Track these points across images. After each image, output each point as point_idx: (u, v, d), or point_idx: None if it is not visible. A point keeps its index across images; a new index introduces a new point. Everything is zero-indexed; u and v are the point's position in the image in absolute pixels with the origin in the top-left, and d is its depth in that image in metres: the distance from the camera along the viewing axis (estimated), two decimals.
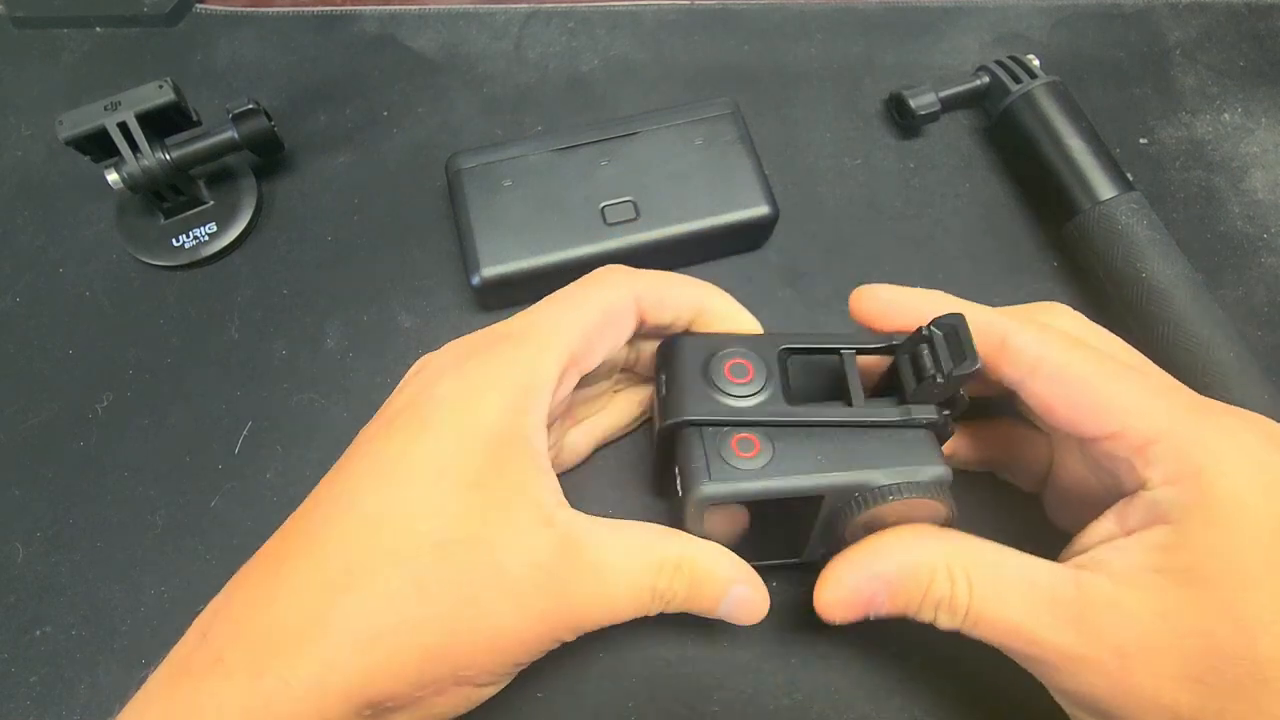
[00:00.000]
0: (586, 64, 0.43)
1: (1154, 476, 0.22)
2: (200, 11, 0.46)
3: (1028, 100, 0.38)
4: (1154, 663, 0.20)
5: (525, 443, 0.23)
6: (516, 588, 0.22)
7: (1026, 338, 0.24)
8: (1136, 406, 0.22)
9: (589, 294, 0.26)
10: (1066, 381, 0.23)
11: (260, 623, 0.21)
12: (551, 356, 0.24)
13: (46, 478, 0.33)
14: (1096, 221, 0.34)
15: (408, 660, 0.21)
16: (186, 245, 0.38)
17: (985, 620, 0.22)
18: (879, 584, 0.24)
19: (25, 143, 0.42)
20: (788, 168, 0.40)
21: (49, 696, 0.30)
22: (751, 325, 0.28)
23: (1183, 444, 0.22)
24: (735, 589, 0.25)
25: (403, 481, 0.22)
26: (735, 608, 0.25)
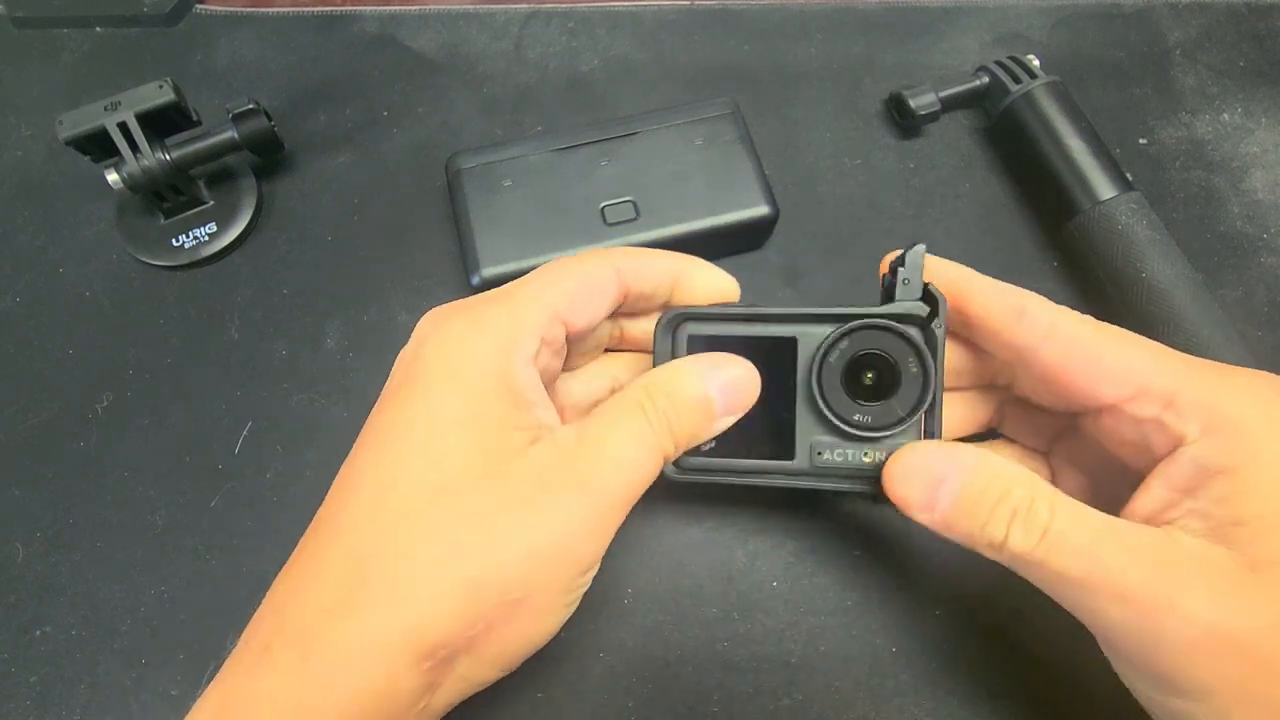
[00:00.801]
0: (586, 64, 0.43)
1: (1191, 429, 0.22)
2: (200, 11, 0.46)
3: (1028, 100, 0.38)
4: (1248, 614, 0.20)
5: (513, 379, 0.24)
6: (530, 499, 0.22)
7: (1042, 307, 0.24)
8: (1153, 366, 0.22)
9: (571, 264, 0.26)
10: (1081, 343, 0.23)
11: (298, 608, 0.22)
12: (534, 307, 0.25)
13: (46, 478, 0.33)
14: (1096, 221, 0.34)
15: (451, 597, 0.21)
16: (186, 245, 0.38)
17: (1066, 547, 0.21)
18: (955, 469, 0.23)
19: (25, 143, 0.42)
20: (788, 168, 0.40)
21: (49, 696, 0.30)
22: (729, 284, 0.28)
23: (1207, 396, 0.22)
24: (715, 380, 0.25)
25: (404, 442, 0.23)
26: (728, 398, 0.25)
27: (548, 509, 0.22)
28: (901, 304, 0.25)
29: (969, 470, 0.23)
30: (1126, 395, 0.23)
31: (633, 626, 0.30)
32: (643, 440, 0.23)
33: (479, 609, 0.21)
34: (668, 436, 0.24)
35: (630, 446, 0.23)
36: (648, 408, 0.24)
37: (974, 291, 0.26)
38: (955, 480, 0.23)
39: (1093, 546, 0.21)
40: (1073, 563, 0.21)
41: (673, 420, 0.24)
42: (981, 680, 0.29)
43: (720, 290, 0.28)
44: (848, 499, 0.32)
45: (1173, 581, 0.20)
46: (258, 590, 0.31)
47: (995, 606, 0.30)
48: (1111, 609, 0.21)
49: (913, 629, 0.30)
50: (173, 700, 0.29)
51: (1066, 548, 0.21)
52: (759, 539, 0.31)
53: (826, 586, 0.30)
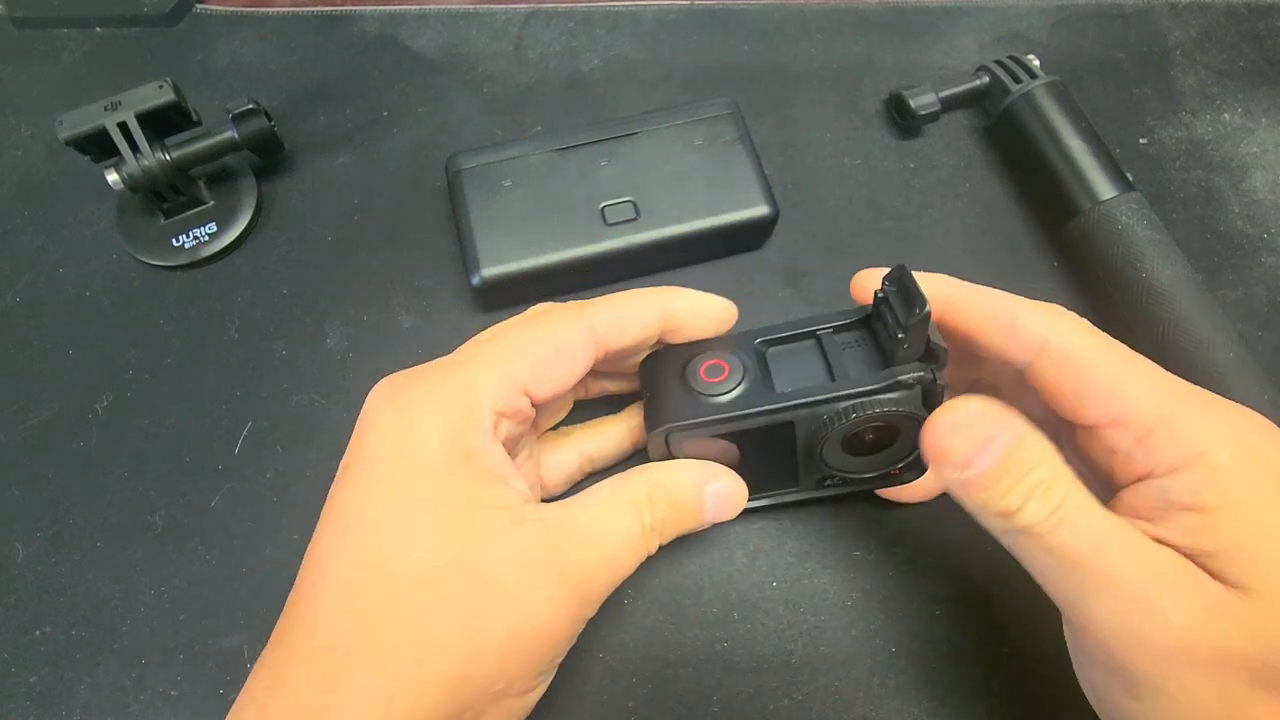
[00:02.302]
0: (586, 64, 0.43)
1: (1158, 466, 0.22)
2: (200, 11, 0.46)
3: (1028, 100, 0.38)
4: (1223, 632, 0.20)
5: (474, 458, 0.23)
6: (514, 589, 0.22)
7: (1035, 318, 0.24)
8: (1138, 395, 0.22)
9: (538, 326, 0.25)
10: (1072, 363, 0.23)
11: (280, 706, 0.21)
12: (493, 378, 0.24)
13: (46, 478, 0.33)
14: (1096, 221, 0.34)
15: (435, 694, 0.21)
16: (186, 245, 0.38)
17: (1072, 525, 0.21)
18: (1005, 433, 0.22)
19: (25, 143, 0.42)
20: (788, 168, 0.40)
21: (49, 696, 0.30)
22: (724, 308, 0.28)
23: (1181, 431, 0.21)
24: (709, 489, 0.25)
25: (373, 528, 0.22)
26: (717, 506, 0.26)
27: (532, 599, 0.22)
28: (903, 370, 0.24)
29: (1018, 437, 0.22)
30: (1107, 420, 0.23)
31: (633, 626, 0.30)
32: (636, 542, 0.24)
33: (462, 703, 0.21)
34: (656, 537, 0.24)
35: (624, 547, 0.23)
36: (644, 510, 0.24)
37: (963, 305, 0.25)
38: (1002, 443, 0.22)
39: (1098, 532, 0.21)
40: (1076, 542, 0.21)
41: (666, 522, 0.24)
42: (981, 680, 0.29)
43: (714, 319, 0.27)
44: (848, 501, 0.32)
45: (1164, 585, 0.20)
46: (258, 590, 0.31)
47: (995, 607, 0.30)
48: (1100, 599, 0.21)
49: (913, 629, 0.30)
50: (173, 700, 0.29)
51: (1073, 527, 0.21)
52: (759, 539, 0.31)
53: (826, 586, 0.30)
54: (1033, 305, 0.24)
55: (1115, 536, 0.21)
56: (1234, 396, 0.30)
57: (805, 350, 0.26)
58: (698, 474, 0.26)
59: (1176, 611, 0.20)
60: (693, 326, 0.27)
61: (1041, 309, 0.24)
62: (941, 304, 0.25)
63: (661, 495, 0.25)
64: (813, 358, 0.26)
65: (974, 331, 0.25)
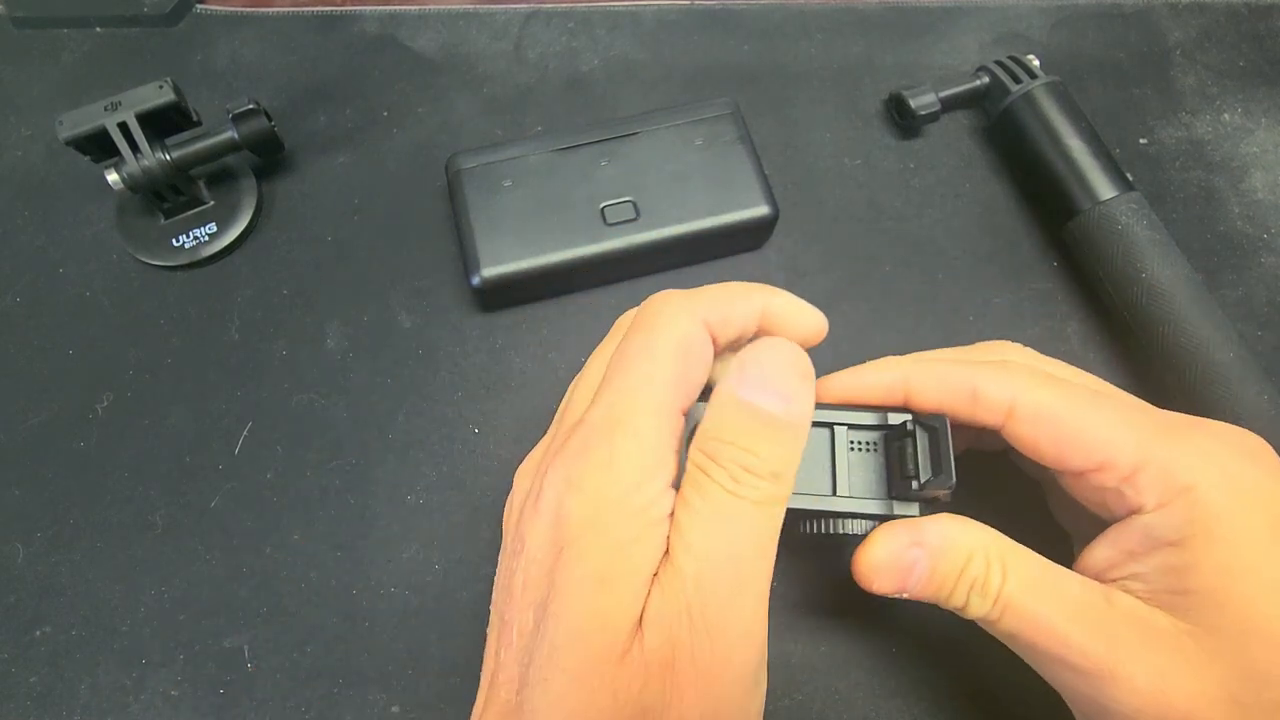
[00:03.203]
0: (586, 64, 0.43)
1: (1147, 502, 0.22)
2: (200, 11, 0.46)
3: (1028, 100, 0.38)
4: (1189, 685, 0.20)
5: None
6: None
7: (994, 384, 0.24)
8: (1117, 436, 0.22)
9: (659, 336, 0.23)
10: (1044, 420, 0.23)
11: None
12: (654, 439, 0.21)
13: (46, 478, 0.33)
14: (1096, 221, 0.34)
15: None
16: (186, 245, 0.38)
17: (1015, 611, 0.22)
18: (920, 553, 0.23)
19: (25, 143, 0.42)
20: (788, 168, 0.40)
21: (49, 696, 0.30)
22: (818, 318, 0.26)
23: (1167, 467, 0.22)
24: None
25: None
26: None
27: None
28: (902, 505, 0.24)
29: (935, 554, 0.23)
30: (1092, 467, 0.23)
31: None
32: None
33: None
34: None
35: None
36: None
37: (921, 387, 0.25)
38: (924, 564, 0.23)
39: (1044, 611, 0.22)
40: (1023, 627, 0.22)
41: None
42: (981, 680, 0.29)
43: (810, 326, 0.26)
44: None
45: (1115, 647, 0.21)
46: (258, 590, 0.31)
47: None
48: (1060, 672, 0.22)
49: (913, 629, 0.30)
50: (173, 700, 0.29)
51: (1016, 612, 0.22)
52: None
53: (826, 586, 0.30)
54: (989, 370, 0.24)
55: (1063, 612, 0.22)
56: (1234, 396, 0.31)
57: (815, 438, 0.25)
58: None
59: (1139, 677, 0.20)
60: (791, 329, 0.26)
61: (998, 372, 0.24)
62: (899, 391, 0.25)
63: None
64: (820, 450, 0.25)
65: (940, 407, 0.25)
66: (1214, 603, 0.21)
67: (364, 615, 0.31)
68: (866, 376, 0.26)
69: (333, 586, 0.31)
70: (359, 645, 0.30)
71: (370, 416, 0.34)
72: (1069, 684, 0.22)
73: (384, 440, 0.34)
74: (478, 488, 0.33)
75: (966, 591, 0.23)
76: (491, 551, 0.31)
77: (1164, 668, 0.20)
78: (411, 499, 0.33)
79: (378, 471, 0.33)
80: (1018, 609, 0.22)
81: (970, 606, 0.23)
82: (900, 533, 0.24)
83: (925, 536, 0.23)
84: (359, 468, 0.33)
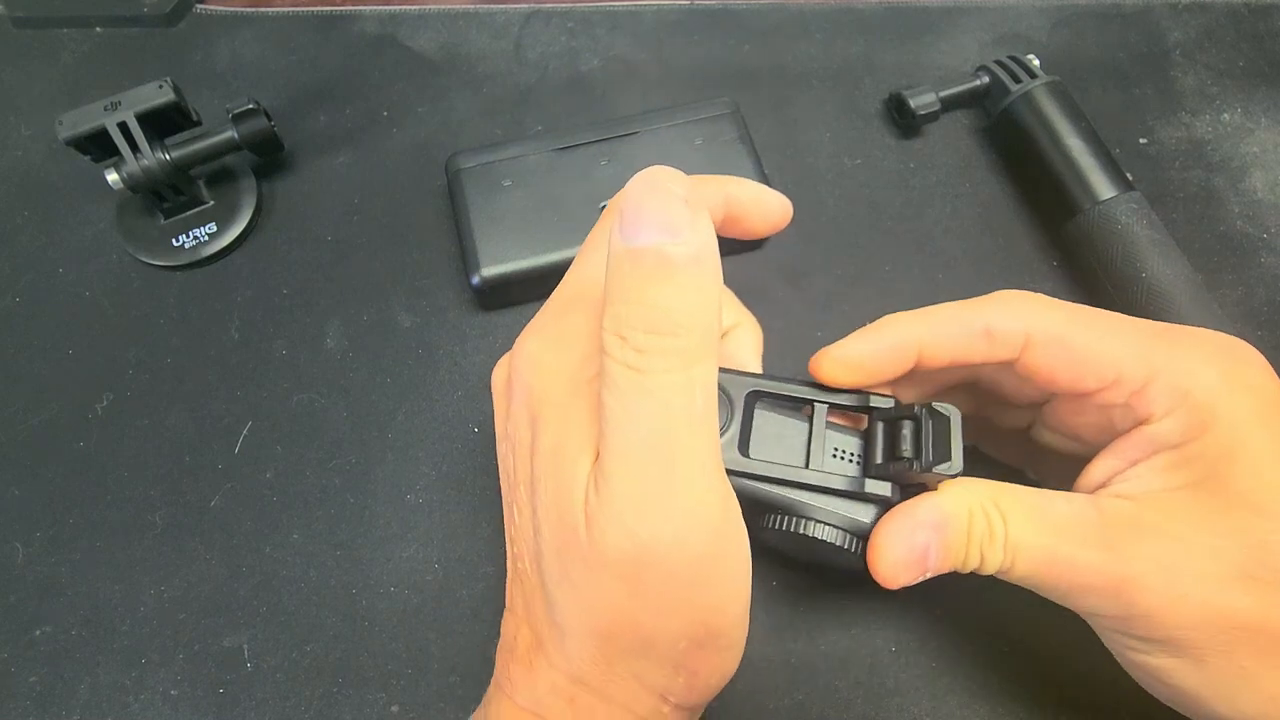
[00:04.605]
0: (586, 64, 0.43)
1: (1155, 412, 0.22)
2: (200, 11, 0.46)
3: (1027, 100, 0.38)
4: (1199, 568, 0.20)
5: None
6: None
7: (1008, 318, 0.24)
8: (1126, 353, 0.23)
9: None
10: (1060, 346, 0.23)
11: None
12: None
13: (46, 478, 0.33)
14: (1096, 221, 0.34)
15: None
16: (186, 245, 0.38)
17: (1024, 548, 0.22)
18: (930, 532, 0.23)
19: (25, 143, 0.42)
20: (788, 168, 0.40)
21: (49, 696, 0.30)
22: (783, 203, 0.26)
23: (1170, 375, 0.22)
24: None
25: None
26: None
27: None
28: (876, 485, 0.24)
29: (941, 528, 0.23)
30: (1104, 385, 0.23)
31: None
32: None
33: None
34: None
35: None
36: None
37: (934, 341, 0.25)
38: (935, 544, 0.23)
39: (1043, 542, 0.22)
40: (1034, 565, 0.22)
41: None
42: (981, 679, 0.29)
43: (776, 210, 0.26)
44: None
45: (1119, 554, 0.21)
46: (258, 590, 0.31)
47: (995, 605, 0.30)
48: (1082, 599, 0.22)
49: (913, 629, 0.30)
50: (172, 700, 0.29)
51: (1025, 553, 0.22)
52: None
53: (826, 586, 0.30)
54: (997, 306, 0.24)
55: (1064, 537, 0.22)
56: None
57: (793, 415, 0.25)
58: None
59: (1150, 574, 0.21)
60: (754, 214, 0.25)
61: (1005, 305, 0.24)
62: (915, 348, 0.25)
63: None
64: (798, 426, 0.25)
65: (954, 358, 0.24)
66: (1214, 486, 0.21)
67: (364, 615, 0.31)
68: (876, 343, 0.25)
69: (332, 586, 0.31)
70: (359, 645, 0.30)
71: (370, 416, 0.34)
72: (1094, 608, 0.22)
73: (384, 440, 0.34)
74: (477, 487, 0.33)
75: (980, 551, 0.23)
76: (491, 550, 0.31)
77: (1170, 560, 0.21)
78: (411, 498, 0.33)
79: (377, 471, 0.33)
80: (1025, 549, 0.22)
81: (986, 562, 0.23)
82: (903, 524, 0.23)
83: (925, 516, 0.23)
84: (359, 467, 0.33)
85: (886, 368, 0.25)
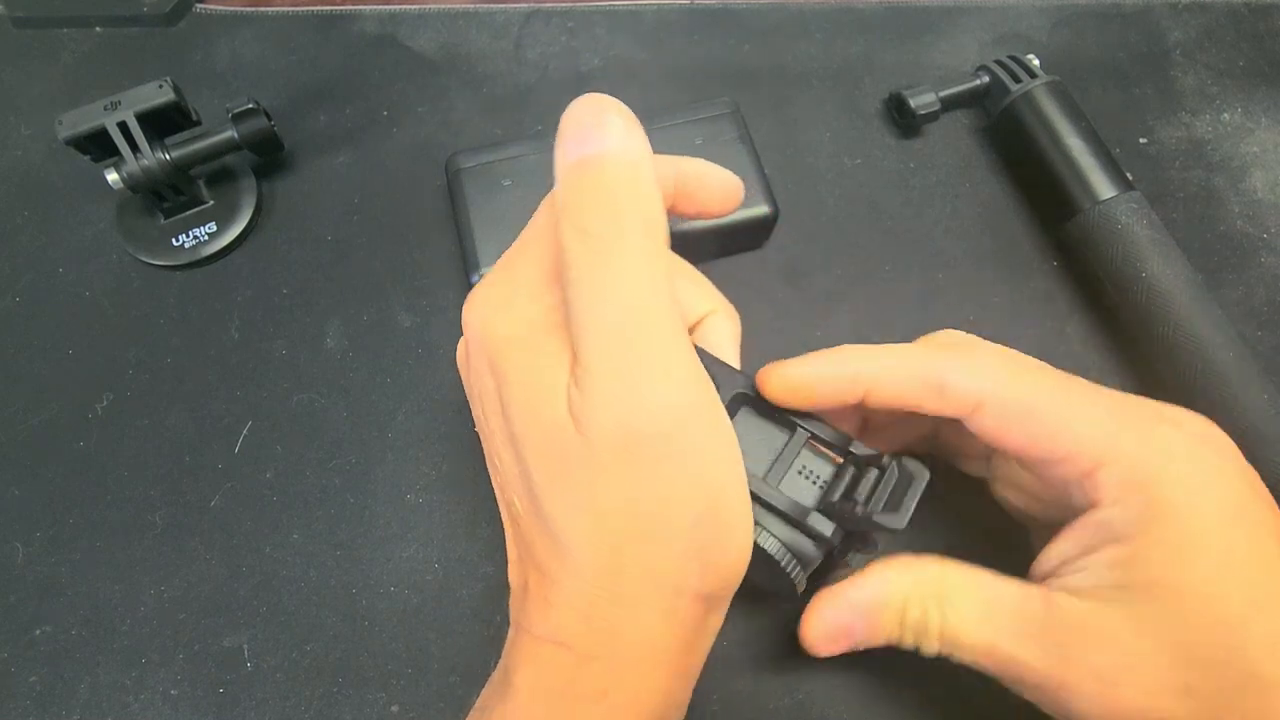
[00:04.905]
0: (586, 64, 0.43)
1: (1105, 497, 0.22)
2: (200, 11, 0.46)
3: (1028, 100, 0.38)
4: (1139, 681, 0.21)
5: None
6: None
7: (965, 376, 0.23)
8: (1084, 431, 0.22)
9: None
10: (1010, 412, 0.23)
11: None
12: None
13: (46, 478, 0.33)
14: (1096, 221, 0.34)
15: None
16: (186, 245, 0.38)
17: (959, 643, 0.23)
18: (855, 614, 0.24)
19: (25, 143, 0.42)
20: (788, 168, 0.40)
21: (49, 696, 0.30)
22: (733, 182, 0.25)
23: (1127, 461, 0.22)
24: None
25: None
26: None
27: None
28: (820, 521, 0.23)
29: (868, 613, 0.24)
30: (1055, 459, 0.22)
31: None
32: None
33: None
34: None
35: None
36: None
37: (887, 381, 0.24)
38: (859, 626, 0.24)
39: (982, 638, 0.23)
40: (970, 656, 0.23)
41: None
42: (981, 679, 0.29)
43: (724, 188, 0.25)
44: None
45: (1061, 658, 0.21)
46: (258, 590, 0.31)
47: None
48: (1016, 687, 0.23)
49: None
50: (172, 700, 0.29)
51: (960, 647, 0.23)
52: None
53: None
54: (957, 361, 0.24)
55: (1006, 633, 0.22)
56: (1234, 396, 0.31)
57: (772, 433, 0.25)
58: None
59: (1087, 682, 0.21)
60: (706, 193, 0.25)
61: (966, 363, 0.23)
62: (863, 385, 0.24)
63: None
64: (772, 445, 0.25)
65: (902, 402, 0.24)
66: (1164, 591, 0.21)
67: (364, 614, 0.31)
68: (823, 368, 0.24)
69: (332, 586, 0.31)
70: (359, 644, 0.30)
71: (370, 416, 0.34)
72: (1031, 696, 0.23)
73: (384, 439, 0.34)
74: (478, 487, 0.33)
75: (915, 637, 0.24)
76: (491, 550, 0.31)
77: (1111, 669, 0.21)
78: (411, 498, 0.33)
79: (377, 471, 0.33)
80: (963, 643, 0.23)
81: (922, 647, 0.24)
82: (830, 603, 0.24)
83: (853, 598, 0.24)
84: (359, 467, 0.33)
85: (829, 395, 0.24)
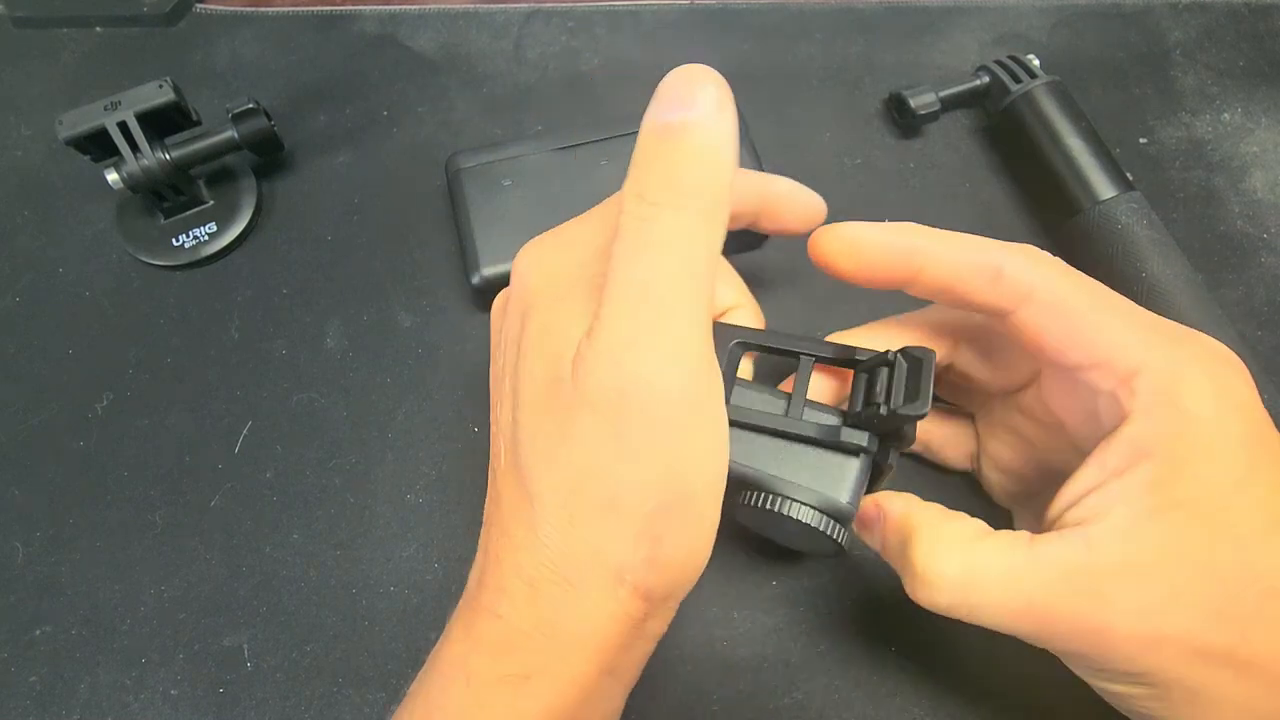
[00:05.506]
0: (586, 64, 0.43)
1: (1136, 407, 0.22)
2: (200, 11, 0.46)
3: (1028, 100, 0.38)
4: (1177, 612, 0.20)
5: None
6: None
7: (1021, 267, 0.23)
8: (1122, 338, 0.22)
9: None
10: (1058, 309, 0.23)
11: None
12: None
13: (46, 478, 0.33)
14: (1096, 221, 0.34)
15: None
16: (186, 245, 0.38)
17: (987, 611, 0.22)
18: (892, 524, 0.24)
19: (25, 143, 0.42)
20: (788, 168, 0.39)
21: (49, 696, 0.30)
22: (818, 202, 0.28)
23: (1161, 371, 0.21)
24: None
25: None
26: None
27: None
28: (852, 435, 0.23)
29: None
30: (1091, 363, 0.22)
31: None
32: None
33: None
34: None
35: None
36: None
37: (942, 259, 0.24)
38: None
39: (1021, 597, 0.22)
40: (1011, 621, 0.22)
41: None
42: (981, 679, 0.29)
43: (811, 208, 0.27)
44: None
45: (1101, 602, 0.21)
46: (258, 590, 0.31)
47: None
48: (1053, 641, 0.22)
49: (913, 629, 0.30)
50: (172, 699, 0.29)
51: (998, 612, 0.22)
52: (759, 538, 0.31)
53: (826, 586, 0.30)
54: (1014, 252, 0.24)
55: (1047, 592, 0.21)
56: None
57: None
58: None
59: (1127, 622, 0.20)
60: (790, 214, 0.27)
61: (1024, 255, 0.24)
62: (918, 256, 0.24)
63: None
64: (778, 395, 0.25)
65: (954, 285, 0.24)
66: (1196, 511, 0.20)
67: (363, 614, 0.31)
68: (883, 234, 0.24)
69: (332, 585, 0.31)
70: (359, 644, 0.30)
71: (370, 416, 0.34)
72: (1061, 647, 0.22)
73: (384, 439, 0.34)
74: (478, 487, 0.33)
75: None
76: None
77: (1146, 604, 0.20)
78: (411, 498, 0.33)
79: (377, 470, 0.33)
80: (993, 600, 0.22)
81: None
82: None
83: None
84: (359, 467, 0.33)
85: (884, 263, 0.24)
